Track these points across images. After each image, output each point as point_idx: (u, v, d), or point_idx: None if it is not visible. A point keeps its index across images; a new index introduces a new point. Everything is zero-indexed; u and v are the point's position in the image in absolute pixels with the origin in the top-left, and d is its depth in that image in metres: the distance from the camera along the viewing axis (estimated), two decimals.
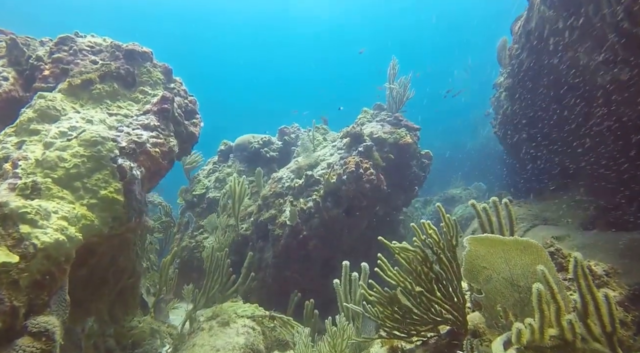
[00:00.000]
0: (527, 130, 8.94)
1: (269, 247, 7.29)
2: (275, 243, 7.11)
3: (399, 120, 8.58)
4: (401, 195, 9.24)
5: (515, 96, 8.32)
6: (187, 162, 9.53)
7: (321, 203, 7.03)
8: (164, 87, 5.58)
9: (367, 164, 6.99)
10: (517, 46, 7.68)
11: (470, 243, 2.78)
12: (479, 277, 2.93)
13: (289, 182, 7.63)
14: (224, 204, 8.02)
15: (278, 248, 7.03)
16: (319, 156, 7.96)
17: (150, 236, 8.72)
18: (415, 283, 3.08)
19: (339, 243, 7.35)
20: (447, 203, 16.55)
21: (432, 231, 3.06)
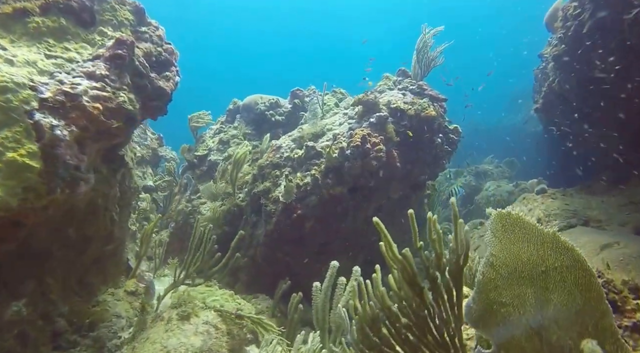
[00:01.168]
0: (580, 107, 7.50)
1: (261, 223, 6.30)
2: (268, 220, 6.11)
3: (422, 90, 7.29)
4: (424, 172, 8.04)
5: (567, 65, 6.87)
6: (192, 119, 8.56)
7: (320, 180, 5.94)
8: (132, 29, 4.52)
9: (377, 139, 5.81)
10: (577, 4, 6.20)
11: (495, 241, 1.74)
12: (491, 319, 1.91)
13: (289, 152, 6.54)
14: (223, 169, 7.03)
15: (270, 226, 6.03)
16: (327, 124, 6.81)
17: (148, 196, 7.85)
18: (400, 313, 2.02)
19: (341, 227, 6.29)
20: (478, 178, 15.19)
21: (435, 237, 1.99)
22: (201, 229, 5.21)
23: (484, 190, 13.58)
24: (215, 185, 6.85)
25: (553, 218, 6.57)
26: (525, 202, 7.42)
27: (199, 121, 8.57)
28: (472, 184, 14.54)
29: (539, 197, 7.17)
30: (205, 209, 6.96)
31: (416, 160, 7.25)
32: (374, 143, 5.74)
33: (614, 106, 6.85)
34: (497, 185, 13.56)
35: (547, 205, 6.84)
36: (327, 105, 7.51)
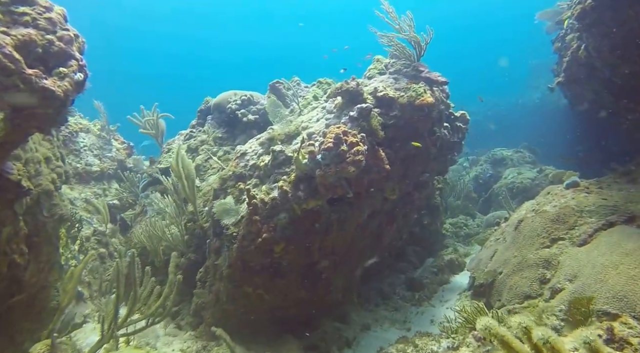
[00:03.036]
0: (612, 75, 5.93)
1: (224, 250, 4.99)
2: (230, 246, 4.79)
3: (418, 72, 5.83)
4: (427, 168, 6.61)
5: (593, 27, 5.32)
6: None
7: (290, 193, 4.59)
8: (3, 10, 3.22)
9: (355, 138, 4.40)
10: None
11: None
12: None
13: (255, 159, 5.20)
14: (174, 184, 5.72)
15: (232, 253, 4.71)
16: (302, 122, 5.43)
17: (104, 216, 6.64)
18: None
19: (325, 244, 4.95)
20: (496, 165, 13.54)
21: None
22: (118, 260, 3.97)
23: (503, 178, 11.96)
24: (166, 202, 5.56)
25: (587, 215, 5.06)
26: (550, 198, 5.90)
27: (148, 127, 7.31)
28: (489, 172, 12.91)
29: (568, 192, 5.64)
30: (171, 232, 5.68)
31: (414, 156, 5.81)
32: (352, 143, 4.33)
33: None
34: (518, 171, 11.93)
35: (579, 200, 5.33)
36: (305, 99, 6.11)
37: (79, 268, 4.44)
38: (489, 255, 6.12)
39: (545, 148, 14.38)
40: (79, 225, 6.45)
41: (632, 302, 3.56)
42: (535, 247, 5.17)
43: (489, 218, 10.11)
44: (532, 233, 5.33)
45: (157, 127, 7.46)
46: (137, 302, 4.35)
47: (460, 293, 6.37)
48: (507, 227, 6.15)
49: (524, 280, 4.91)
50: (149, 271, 4.53)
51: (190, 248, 5.55)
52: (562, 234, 5.04)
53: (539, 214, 5.48)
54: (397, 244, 7.08)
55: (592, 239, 4.72)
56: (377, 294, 6.25)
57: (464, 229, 10.08)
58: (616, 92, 6.33)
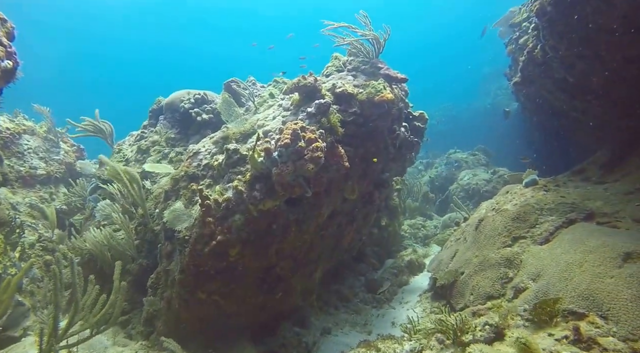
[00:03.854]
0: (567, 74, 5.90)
1: (176, 254, 4.57)
2: (182, 250, 4.38)
3: (377, 68, 5.61)
4: (387, 168, 6.40)
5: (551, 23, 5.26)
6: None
7: (246, 193, 4.24)
8: None
9: (313, 134, 4.11)
10: None
11: None
12: None
13: (208, 159, 4.82)
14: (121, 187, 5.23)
15: (185, 258, 4.31)
16: (258, 120, 5.09)
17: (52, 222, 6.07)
18: None
19: (283, 246, 4.62)
20: (451, 168, 13.58)
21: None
22: (54, 266, 3.51)
23: (459, 179, 11.99)
24: (114, 207, 5.09)
25: (547, 213, 4.96)
26: (509, 196, 5.80)
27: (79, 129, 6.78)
28: (444, 175, 12.94)
29: (528, 190, 5.55)
30: (121, 237, 5.20)
31: (374, 154, 5.57)
32: (310, 139, 4.03)
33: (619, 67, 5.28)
34: (473, 173, 11.98)
35: (539, 198, 5.23)
36: (261, 97, 5.77)
37: (17, 277, 3.94)
38: (450, 255, 5.96)
39: (497, 151, 14.60)
40: (20, 231, 5.86)
41: (598, 301, 3.42)
42: (496, 246, 5.02)
43: (446, 220, 10.05)
44: (493, 233, 5.19)
45: (101, 130, 6.93)
46: (79, 311, 3.89)
47: (421, 294, 6.18)
48: (468, 227, 6.01)
49: (486, 280, 4.74)
50: (92, 279, 4.07)
51: (141, 254, 5.10)
52: (524, 233, 4.91)
53: (499, 213, 5.35)
54: (357, 245, 6.83)
55: (553, 237, 4.61)
56: (337, 297, 5.96)
57: (421, 230, 9.97)
58: (570, 91, 6.33)
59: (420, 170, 14.68)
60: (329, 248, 5.82)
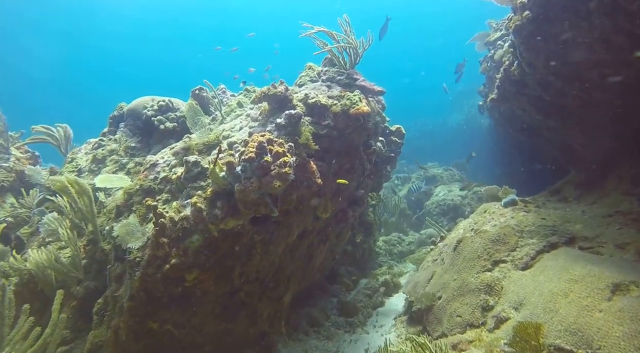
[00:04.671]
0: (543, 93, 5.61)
1: (127, 278, 4.03)
2: (132, 274, 3.84)
3: (352, 80, 5.22)
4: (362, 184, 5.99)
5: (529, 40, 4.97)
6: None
7: (206, 211, 3.74)
8: None
9: (281, 147, 3.66)
10: None
11: None
12: None
13: (167, 171, 4.31)
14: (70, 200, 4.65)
15: (134, 283, 3.77)
16: (224, 131, 4.62)
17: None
18: None
19: (247, 269, 4.14)
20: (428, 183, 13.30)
21: None
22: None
23: (434, 195, 11.68)
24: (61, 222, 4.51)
25: (528, 236, 4.61)
26: (488, 216, 5.44)
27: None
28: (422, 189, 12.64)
29: (507, 210, 5.20)
30: (67, 255, 4.61)
31: (348, 171, 5.17)
32: (278, 153, 3.58)
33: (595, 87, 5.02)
34: (448, 189, 11.70)
35: (519, 220, 4.88)
36: (229, 106, 5.30)
37: None
38: (427, 277, 5.54)
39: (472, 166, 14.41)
40: None
41: (587, 337, 3.04)
42: (475, 269, 4.64)
43: (421, 237, 9.70)
44: (472, 255, 4.81)
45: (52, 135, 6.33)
46: (4, 345, 3.32)
47: (396, 317, 5.74)
48: (445, 247, 5.62)
49: (465, 307, 4.34)
50: (26, 310, 3.51)
51: (89, 275, 4.51)
52: (504, 256, 4.54)
53: (478, 234, 4.98)
54: (330, 264, 6.38)
55: (534, 262, 4.24)
56: (307, 321, 5.47)
57: (397, 247, 9.57)
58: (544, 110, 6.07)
59: (396, 184, 14.35)
60: (300, 269, 5.35)
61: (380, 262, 8.65)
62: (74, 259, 4.36)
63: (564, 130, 6.41)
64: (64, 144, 6.09)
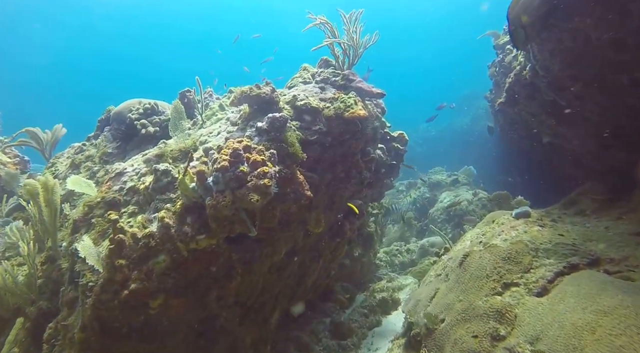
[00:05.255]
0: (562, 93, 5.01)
1: (79, 305, 3.47)
2: (84, 300, 3.28)
3: (349, 81, 4.66)
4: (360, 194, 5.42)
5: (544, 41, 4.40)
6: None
7: (175, 227, 3.19)
8: None
9: (261, 156, 3.10)
10: None
11: None
12: None
13: (135, 181, 3.76)
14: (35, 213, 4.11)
15: (86, 311, 3.21)
16: (202, 135, 4.07)
17: None
18: None
19: (225, 292, 3.58)
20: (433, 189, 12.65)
21: None
22: None
23: (439, 201, 11.06)
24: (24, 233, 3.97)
25: (544, 255, 4.00)
26: (497, 228, 4.85)
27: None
28: (426, 196, 12.01)
29: (519, 223, 4.60)
30: (25, 273, 4.06)
31: (344, 180, 4.61)
32: (256, 162, 3.03)
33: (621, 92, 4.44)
34: (455, 194, 11.07)
35: (533, 235, 4.28)
36: (211, 109, 4.76)
37: None
38: (429, 295, 4.95)
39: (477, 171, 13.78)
40: None
41: None
42: (484, 291, 4.04)
43: (424, 244, 9.07)
44: (480, 274, 4.21)
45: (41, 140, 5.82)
46: None
47: (393, 340, 5.15)
48: (450, 262, 5.02)
49: (471, 335, 3.75)
50: None
51: (43, 295, 3.95)
52: (516, 278, 3.94)
53: (487, 249, 4.37)
54: (324, 282, 5.80)
55: (552, 286, 3.64)
56: (295, 346, 4.88)
57: (398, 257, 8.96)
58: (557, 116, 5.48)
59: (401, 191, 13.71)
60: (290, 287, 4.79)
61: (380, 274, 8.06)
62: (29, 278, 3.82)
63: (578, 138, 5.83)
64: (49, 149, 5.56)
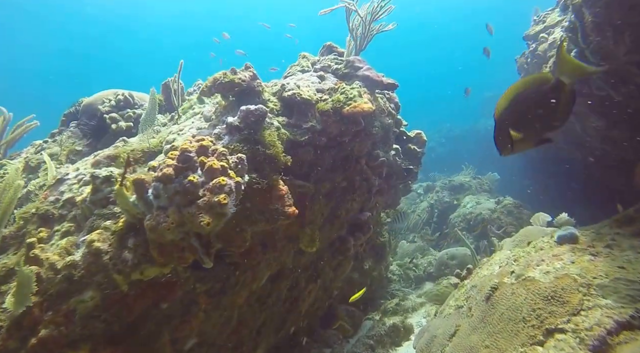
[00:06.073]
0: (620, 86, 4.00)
1: None
2: None
3: (353, 69, 3.76)
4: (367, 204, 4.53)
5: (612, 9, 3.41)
6: None
7: (110, 254, 2.37)
8: None
9: (221, 161, 2.24)
10: None
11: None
12: None
13: (75, 191, 2.93)
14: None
15: None
16: (171, 133, 3.24)
17: None
18: None
19: (184, 333, 2.74)
20: (454, 192, 11.56)
21: None
22: None
23: (462, 206, 10.01)
24: None
25: (599, 293, 3.01)
26: (534, 254, 3.87)
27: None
28: (445, 200, 10.95)
29: (564, 250, 3.60)
30: None
31: (346, 189, 3.72)
32: (212, 170, 2.17)
33: None
34: (477, 201, 9.99)
35: (584, 267, 3.29)
36: (188, 101, 3.92)
37: None
38: (448, 331, 4.01)
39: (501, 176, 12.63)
40: None
41: None
42: (520, 339, 3.09)
43: (442, 257, 8.06)
44: (514, 315, 3.26)
45: None
46: None
47: None
48: (474, 291, 4.06)
49: None
50: None
51: None
52: (562, 322, 2.97)
53: (523, 284, 3.41)
54: (325, 304, 4.92)
55: (616, 342, 2.68)
56: None
57: (413, 270, 7.99)
58: (610, 116, 4.46)
59: (419, 194, 12.66)
60: (278, 316, 3.92)
61: (392, 290, 7.12)
62: None
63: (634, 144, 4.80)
64: (4, 147, 4.80)
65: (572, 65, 1.85)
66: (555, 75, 1.84)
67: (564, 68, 1.84)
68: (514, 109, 1.88)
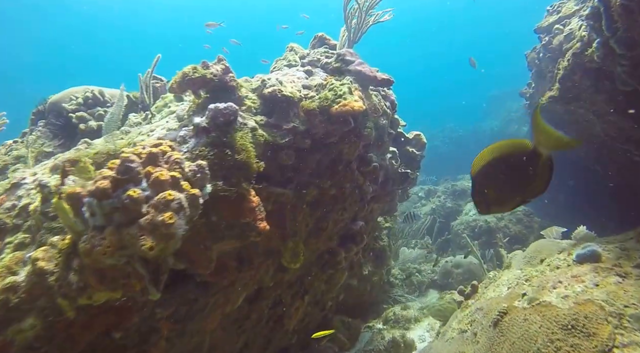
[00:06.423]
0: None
1: None
2: None
3: (345, 63, 3.38)
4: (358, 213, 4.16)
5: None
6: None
7: (56, 274, 2.01)
8: None
9: (173, 170, 1.89)
10: None
11: None
12: None
13: (31, 197, 2.58)
14: None
15: None
16: (140, 133, 2.89)
17: None
18: None
19: None
20: (456, 198, 11.12)
21: None
22: None
23: (464, 213, 9.59)
24: None
25: (634, 327, 2.59)
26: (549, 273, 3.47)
27: None
28: (447, 206, 10.52)
29: (585, 270, 3.19)
30: None
31: (335, 198, 3.35)
32: (159, 182, 1.80)
33: None
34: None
35: (611, 291, 2.87)
36: (163, 99, 3.56)
37: None
38: None
39: None
40: None
41: None
42: None
43: (446, 265, 7.66)
44: (527, 346, 2.85)
45: None
46: None
47: None
48: (479, 314, 3.66)
49: None
50: None
51: None
52: None
53: (536, 309, 3.00)
54: (317, 318, 4.55)
55: None
56: None
57: (416, 275, 7.60)
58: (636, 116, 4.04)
59: (420, 198, 12.23)
60: (261, 337, 3.56)
61: (394, 295, 6.75)
62: None
63: None
64: None
65: (548, 137, 1.70)
66: (533, 144, 1.71)
67: (540, 139, 1.70)
68: (489, 171, 1.78)
